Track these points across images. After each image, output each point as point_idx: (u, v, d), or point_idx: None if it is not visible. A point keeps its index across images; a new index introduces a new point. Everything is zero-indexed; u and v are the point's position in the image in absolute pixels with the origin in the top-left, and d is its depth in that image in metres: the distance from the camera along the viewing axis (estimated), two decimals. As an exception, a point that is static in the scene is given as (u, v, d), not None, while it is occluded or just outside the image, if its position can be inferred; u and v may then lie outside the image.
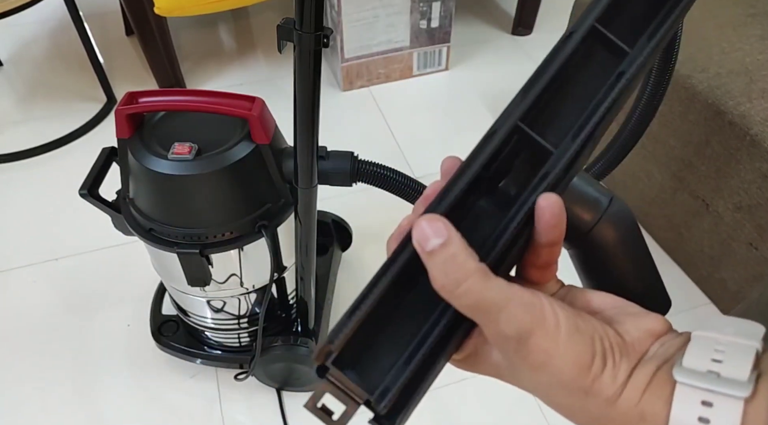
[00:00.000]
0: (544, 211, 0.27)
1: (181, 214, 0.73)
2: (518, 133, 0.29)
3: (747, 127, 0.93)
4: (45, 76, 1.71)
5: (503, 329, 0.26)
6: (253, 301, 0.90)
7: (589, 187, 0.31)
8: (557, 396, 0.27)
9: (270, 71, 1.72)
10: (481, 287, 0.26)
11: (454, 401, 1.01)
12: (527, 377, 0.27)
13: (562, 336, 0.26)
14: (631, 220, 0.33)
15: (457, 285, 0.26)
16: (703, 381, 0.24)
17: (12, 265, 1.21)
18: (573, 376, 0.26)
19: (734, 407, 0.23)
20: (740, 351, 0.25)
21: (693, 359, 0.25)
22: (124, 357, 1.07)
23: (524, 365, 0.27)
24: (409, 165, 1.42)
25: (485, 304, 0.26)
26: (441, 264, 0.26)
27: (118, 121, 0.70)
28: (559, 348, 0.26)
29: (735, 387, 0.24)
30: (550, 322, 0.26)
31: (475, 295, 0.26)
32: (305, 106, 0.61)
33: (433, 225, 0.26)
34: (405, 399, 0.27)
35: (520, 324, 0.26)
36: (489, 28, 1.87)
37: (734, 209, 1.00)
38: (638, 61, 0.29)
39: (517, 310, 0.26)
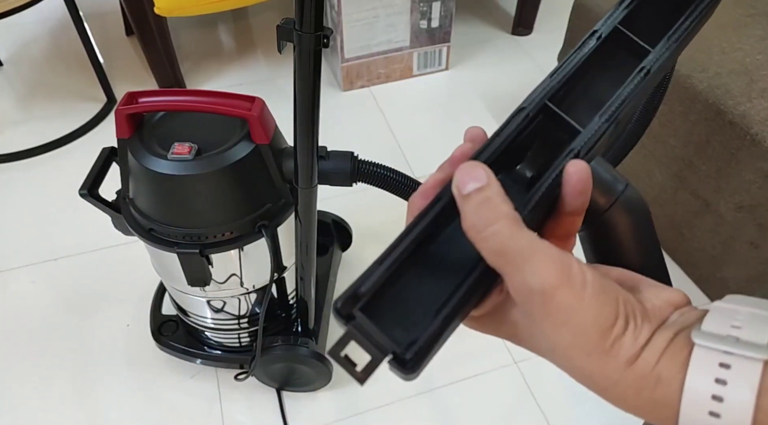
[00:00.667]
0: (572, 176, 0.28)
1: (181, 214, 0.73)
2: (546, 111, 0.31)
3: (747, 127, 0.93)
4: (45, 76, 1.71)
5: (528, 280, 0.25)
6: (253, 301, 0.90)
7: (606, 171, 0.32)
8: (576, 357, 0.26)
9: (270, 71, 1.72)
10: (511, 232, 0.25)
11: (454, 401, 1.01)
12: (547, 336, 0.27)
13: (588, 294, 0.26)
14: (645, 209, 0.33)
15: (486, 226, 0.26)
16: (721, 343, 0.24)
17: (12, 265, 1.21)
18: (595, 336, 0.26)
19: (753, 369, 0.23)
20: (759, 320, 0.25)
21: (713, 324, 0.25)
22: (124, 357, 1.07)
23: (546, 322, 0.26)
24: (409, 165, 1.42)
25: (512, 251, 0.25)
26: (475, 206, 0.26)
27: (118, 121, 0.70)
28: (584, 305, 0.25)
29: (755, 350, 0.23)
30: (576, 279, 0.26)
31: (502, 239, 0.25)
32: (305, 106, 0.61)
33: (474, 170, 0.27)
34: (429, 349, 0.27)
35: (545, 277, 0.25)
36: (489, 28, 1.87)
37: (735, 209, 1.00)
38: (660, 60, 0.31)
39: (544, 262, 0.25)
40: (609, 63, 0.33)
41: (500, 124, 0.31)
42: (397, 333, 0.27)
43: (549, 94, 0.31)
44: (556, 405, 1.00)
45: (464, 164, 0.27)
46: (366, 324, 0.27)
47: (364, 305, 0.27)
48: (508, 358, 1.06)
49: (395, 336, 0.27)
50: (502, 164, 0.30)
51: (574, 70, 0.32)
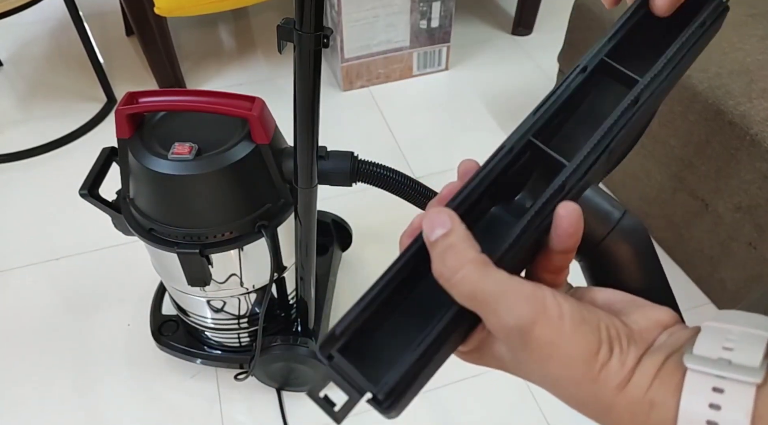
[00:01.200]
0: (563, 220, 0.28)
1: (181, 214, 0.73)
2: (531, 148, 0.31)
3: (747, 127, 0.93)
4: (45, 76, 1.71)
5: (504, 320, 0.26)
6: (253, 301, 0.90)
7: (603, 200, 0.31)
8: (566, 388, 0.27)
9: (270, 71, 1.72)
10: (479, 276, 0.26)
11: (454, 401, 1.01)
12: (534, 370, 0.27)
13: (567, 326, 0.26)
14: (644, 236, 0.32)
15: (453, 273, 0.26)
16: (714, 367, 0.24)
17: (12, 265, 1.21)
18: (580, 367, 0.26)
19: (746, 393, 0.23)
20: (751, 340, 0.25)
21: (704, 347, 0.25)
22: (124, 357, 1.07)
23: (530, 358, 0.26)
24: (409, 165, 1.42)
25: (482, 294, 0.26)
26: (441, 253, 0.26)
27: (118, 121, 0.70)
28: (564, 338, 0.26)
29: (747, 373, 0.23)
30: (552, 312, 0.26)
31: (471, 283, 0.26)
32: (305, 106, 0.61)
33: (438, 216, 0.27)
34: (406, 388, 0.27)
35: (520, 315, 0.25)
36: (489, 28, 1.87)
37: (734, 209, 1.00)
38: (650, 88, 0.31)
39: (517, 300, 0.26)
40: (597, 95, 0.33)
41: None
42: (374, 373, 0.27)
43: (533, 130, 0.31)
44: (556, 405, 0.99)
45: (431, 211, 0.28)
46: (343, 365, 0.27)
47: (342, 346, 0.27)
48: (508, 358, 1.06)
49: (372, 376, 0.27)
50: (497, 195, 0.31)
51: (559, 104, 0.32)
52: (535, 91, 1.59)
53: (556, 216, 0.28)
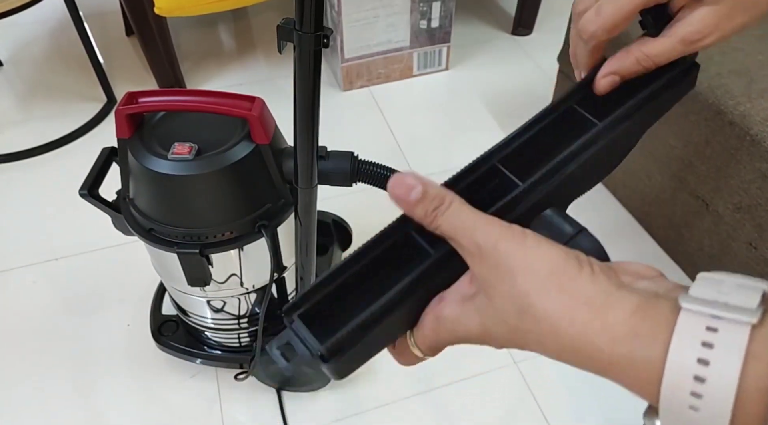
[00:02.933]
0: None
1: (181, 214, 0.73)
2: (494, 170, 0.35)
3: (747, 127, 0.93)
4: (45, 76, 1.71)
5: (477, 240, 0.29)
6: (253, 301, 0.90)
7: (560, 220, 0.33)
8: (537, 302, 0.27)
9: (270, 71, 1.72)
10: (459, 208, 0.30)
11: (454, 401, 1.01)
12: (506, 296, 0.28)
13: (529, 242, 0.28)
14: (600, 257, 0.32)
15: (443, 211, 0.30)
16: (709, 307, 0.23)
17: (12, 265, 1.21)
18: (545, 274, 0.27)
19: (740, 332, 0.22)
20: (746, 289, 0.24)
21: (700, 290, 0.25)
22: (124, 357, 1.07)
23: (499, 275, 0.28)
24: (409, 165, 1.42)
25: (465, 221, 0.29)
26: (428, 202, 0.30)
27: (118, 121, 0.70)
28: (527, 251, 0.28)
29: (743, 313, 0.23)
30: (516, 230, 0.29)
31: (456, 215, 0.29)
32: (305, 106, 0.61)
33: (406, 180, 0.30)
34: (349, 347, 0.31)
35: (489, 233, 0.29)
36: (489, 28, 1.87)
37: (734, 209, 1.00)
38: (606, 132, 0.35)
39: (489, 224, 0.29)
40: (564, 130, 0.36)
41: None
42: (327, 334, 0.31)
43: (498, 156, 0.35)
44: (556, 405, 1.00)
45: (394, 178, 0.30)
46: (301, 328, 0.32)
47: (304, 312, 0.32)
48: (508, 358, 1.06)
49: (324, 337, 0.31)
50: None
51: (526, 137, 0.36)
52: (535, 91, 1.59)
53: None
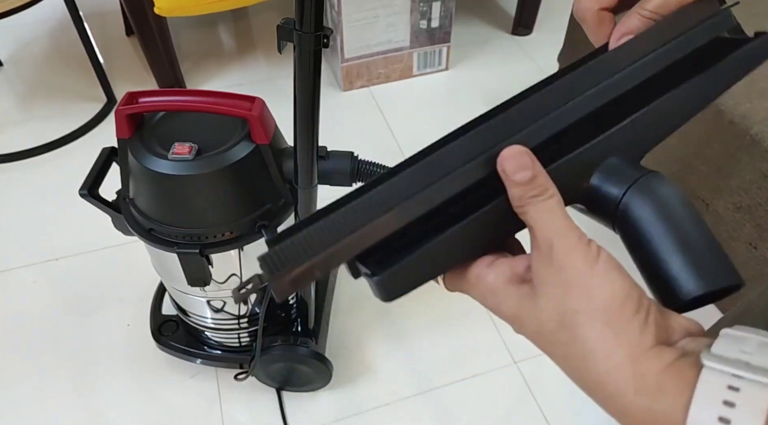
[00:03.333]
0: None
1: (181, 214, 0.73)
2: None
3: (747, 127, 0.93)
4: (45, 76, 1.71)
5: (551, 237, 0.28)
6: (253, 301, 0.90)
7: (623, 164, 0.32)
8: (581, 324, 0.27)
9: (270, 71, 1.72)
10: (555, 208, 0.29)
11: (454, 401, 1.01)
12: (555, 301, 0.28)
13: (599, 267, 0.28)
14: (668, 192, 0.31)
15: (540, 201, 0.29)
16: (731, 366, 0.24)
17: (12, 265, 1.21)
18: (600, 304, 0.26)
19: (762, 394, 0.23)
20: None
21: (722, 348, 0.25)
22: (124, 357, 1.07)
23: (558, 279, 0.28)
24: (409, 165, 1.42)
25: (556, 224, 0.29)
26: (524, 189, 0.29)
27: (118, 121, 0.70)
28: (593, 274, 0.27)
29: (765, 374, 0.23)
30: (592, 250, 0.28)
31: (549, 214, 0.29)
32: (305, 106, 0.61)
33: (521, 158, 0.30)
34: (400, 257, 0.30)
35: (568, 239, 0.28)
36: (489, 28, 1.87)
37: (734, 209, 1.00)
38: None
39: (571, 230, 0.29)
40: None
41: None
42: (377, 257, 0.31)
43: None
44: (556, 405, 1.00)
45: (510, 150, 0.30)
46: None
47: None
48: (508, 358, 1.06)
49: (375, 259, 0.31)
50: None
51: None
52: (535, 91, 1.58)
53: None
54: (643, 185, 0.31)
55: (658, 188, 0.31)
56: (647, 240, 0.31)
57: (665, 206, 0.31)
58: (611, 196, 0.32)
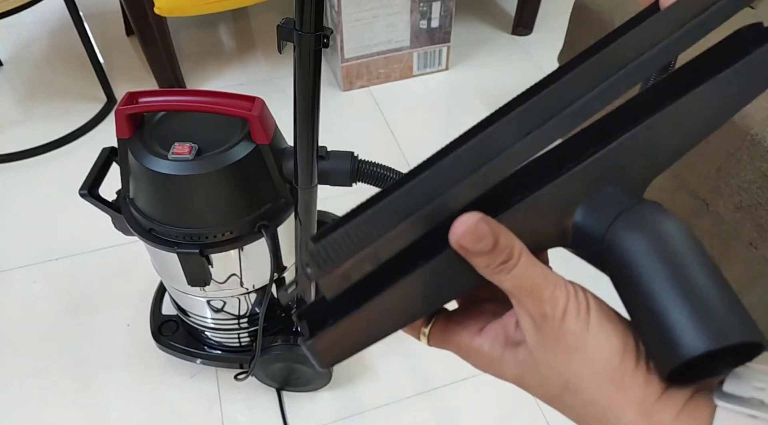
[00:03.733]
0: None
1: (181, 214, 0.73)
2: None
3: (747, 127, 0.93)
4: (45, 76, 1.71)
5: (545, 309, 0.26)
6: (253, 301, 0.90)
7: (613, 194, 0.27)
8: (587, 388, 0.26)
9: (270, 71, 1.72)
10: (530, 265, 0.26)
11: (454, 401, 1.01)
12: (558, 369, 0.27)
13: (593, 320, 0.26)
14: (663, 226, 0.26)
15: (513, 267, 0.26)
16: (745, 406, 0.23)
17: (12, 265, 1.21)
18: (602, 363, 0.25)
19: None
20: None
21: (734, 385, 0.24)
22: (124, 357, 1.07)
23: (558, 348, 0.26)
24: (409, 165, 1.42)
25: (531, 282, 0.26)
26: (496, 256, 0.26)
27: (118, 121, 0.70)
28: (590, 332, 0.26)
29: None
30: (581, 304, 0.26)
31: (523, 274, 0.26)
32: (305, 106, 0.61)
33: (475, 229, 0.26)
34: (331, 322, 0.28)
35: (555, 303, 0.26)
36: (489, 28, 1.87)
37: (734, 209, 1.00)
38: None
39: (556, 288, 0.26)
40: None
41: None
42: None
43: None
44: (555, 405, 1.00)
45: (462, 222, 0.26)
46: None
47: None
48: (508, 358, 1.06)
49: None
50: None
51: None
52: (535, 91, 1.58)
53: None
54: (631, 216, 0.26)
55: (651, 219, 0.26)
56: (636, 281, 0.25)
57: (659, 240, 0.25)
58: (594, 231, 0.27)
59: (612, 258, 0.26)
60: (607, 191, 0.27)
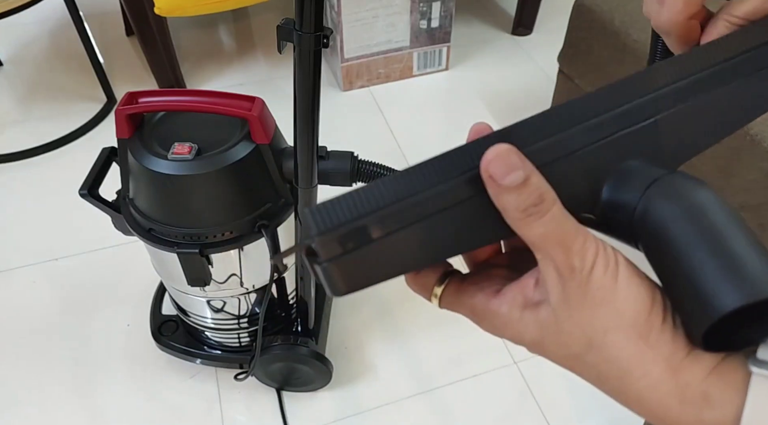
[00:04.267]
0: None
1: (181, 214, 0.73)
2: None
3: (748, 127, 0.93)
4: (45, 76, 1.71)
5: (573, 261, 0.25)
6: (253, 301, 0.90)
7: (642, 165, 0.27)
8: (614, 343, 0.25)
9: (270, 71, 1.72)
10: (562, 217, 0.25)
11: (454, 401, 1.01)
12: (583, 325, 0.26)
13: (621, 274, 0.25)
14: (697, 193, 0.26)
15: (545, 212, 0.25)
16: None
17: (12, 265, 1.21)
18: (631, 317, 0.25)
19: None
20: None
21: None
22: (124, 357, 1.07)
23: (584, 303, 0.25)
24: (408, 165, 1.41)
25: (563, 234, 0.25)
26: (519, 196, 0.25)
27: (118, 121, 0.70)
28: (618, 285, 0.25)
29: None
30: (610, 258, 0.25)
31: (555, 224, 0.25)
32: (305, 106, 0.61)
33: (509, 158, 0.25)
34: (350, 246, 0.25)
35: (585, 256, 0.25)
36: (489, 28, 1.87)
37: (737, 208, 0.99)
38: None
39: (587, 241, 0.25)
40: None
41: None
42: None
43: None
44: (556, 405, 1.00)
45: (493, 150, 0.25)
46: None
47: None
48: (508, 358, 1.06)
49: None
50: None
51: None
52: (535, 91, 1.59)
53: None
54: (664, 185, 0.26)
55: (684, 187, 0.26)
56: (671, 246, 0.25)
57: (693, 206, 0.26)
58: (626, 203, 0.27)
59: (645, 226, 0.26)
60: (637, 163, 0.27)
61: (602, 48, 1.22)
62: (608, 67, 1.22)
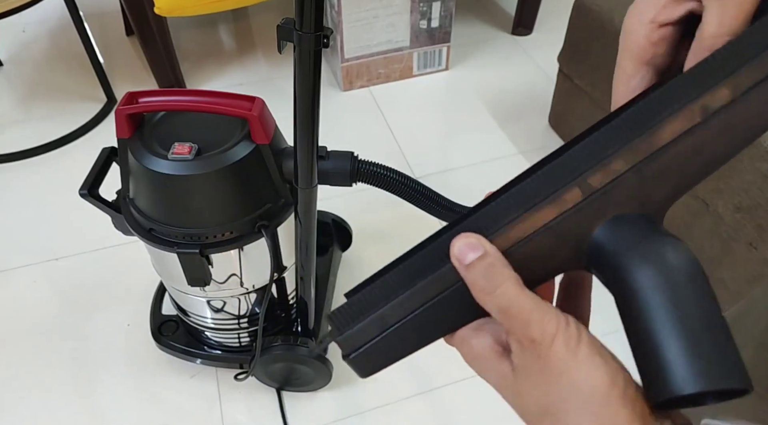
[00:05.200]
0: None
1: (181, 214, 0.73)
2: None
3: (747, 127, 0.93)
4: (45, 76, 1.71)
5: (532, 332, 0.27)
6: (253, 301, 0.90)
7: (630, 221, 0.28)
8: (570, 414, 0.27)
9: (270, 71, 1.72)
10: (516, 292, 0.27)
11: (454, 401, 1.01)
12: (542, 391, 0.27)
13: (582, 352, 0.27)
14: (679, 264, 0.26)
15: (495, 288, 0.28)
16: None
17: (12, 265, 1.21)
18: (589, 391, 0.26)
19: None
20: None
21: None
22: (124, 357, 1.07)
23: (543, 373, 0.27)
24: (409, 165, 1.42)
25: (517, 308, 0.27)
26: (482, 271, 0.28)
27: (118, 121, 0.70)
28: (577, 363, 0.26)
29: None
30: (572, 334, 0.27)
31: (509, 299, 0.27)
32: (305, 106, 0.61)
33: (468, 241, 0.28)
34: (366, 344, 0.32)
35: (544, 329, 0.27)
36: (489, 28, 1.87)
37: (734, 209, 1.00)
38: None
39: (545, 316, 0.27)
40: None
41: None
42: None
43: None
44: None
45: (460, 237, 0.29)
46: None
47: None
48: (508, 358, 1.06)
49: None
50: None
51: None
52: (535, 91, 1.59)
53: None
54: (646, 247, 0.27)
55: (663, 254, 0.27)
56: (639, 312, 0.27)
57: (667, 277, 0.27)
58: (608, 256, 0.28)
59: (618, 290, 0.28)
60: (627, 217, 0.28)
61: (602, 48, 1.22)
62: (608, 67, 1.22)
